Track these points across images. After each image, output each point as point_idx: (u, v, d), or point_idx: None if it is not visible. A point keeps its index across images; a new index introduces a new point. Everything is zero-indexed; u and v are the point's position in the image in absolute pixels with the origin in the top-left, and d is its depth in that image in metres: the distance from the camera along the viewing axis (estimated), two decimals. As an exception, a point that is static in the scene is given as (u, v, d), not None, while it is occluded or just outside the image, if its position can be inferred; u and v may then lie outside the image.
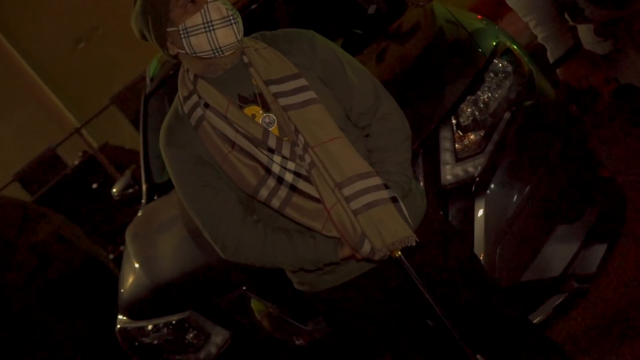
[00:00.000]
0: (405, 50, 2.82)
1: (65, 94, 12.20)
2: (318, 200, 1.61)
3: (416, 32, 2.90)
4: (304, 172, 1.62)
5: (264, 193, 1.61)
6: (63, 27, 11.62)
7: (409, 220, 1.62)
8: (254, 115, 1.63)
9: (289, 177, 1.61)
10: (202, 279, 2.53)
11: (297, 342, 2.38)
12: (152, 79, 3.82)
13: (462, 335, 1.72)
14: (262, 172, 1.60)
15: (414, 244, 1.62)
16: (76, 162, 9.35)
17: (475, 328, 1.86)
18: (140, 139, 3.68)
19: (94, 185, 8.76)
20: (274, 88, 1.62)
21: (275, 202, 1.62)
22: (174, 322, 2.51)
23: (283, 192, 1.61)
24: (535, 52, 2.84)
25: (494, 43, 2.54)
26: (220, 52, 1.58)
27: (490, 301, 1.87)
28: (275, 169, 1.60)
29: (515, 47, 2.58)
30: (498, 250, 2.23)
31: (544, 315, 2.32)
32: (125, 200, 3.74)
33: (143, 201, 3.48)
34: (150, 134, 3.64)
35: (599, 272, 2.50)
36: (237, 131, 1.60)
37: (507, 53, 2.50)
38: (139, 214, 3.42)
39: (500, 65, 2.46)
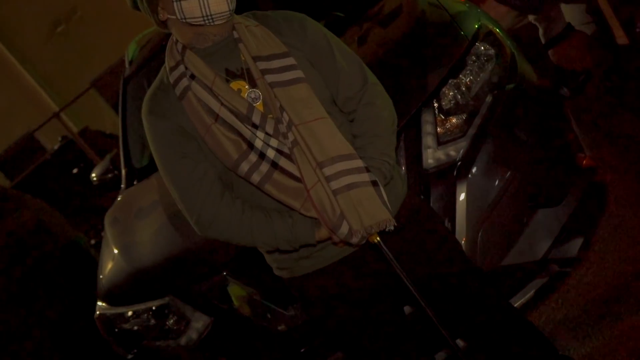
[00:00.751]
0: (387, 33, 2.79)
1: (43, 78, 12.03)
2: (298, 179, 1.60)
3: (398, 15, 2.88)
4: (286, 150, 1.61)
5: (244, 167, 1.60)
6: (41, 10, 11.42)
7: (389, 205, 1.62)
8: (239, 90, 1.63)
9: (271, 153, 1.60)
10: (182, 264, 2.51)
11: (278, 328, 2.37)
12: (130, 62, 3.77)
13: (442, 320, 1.71)
14: (244, 146, 1.59)
15: (392, 228, 1.61)
16: (56, 147, 9.23)
17: (455, 312, 1.85)
18: (119, 122, 3.63)
19: (74, 171, 8.66)
20: (262, 64, 1.61)
21: (256, 177, 1.60)
22: (154, 308, 2.49)
23: (264, 167, 1.60)
24: (518, 36, 2.83)
25: (476, 26, 2.52)
26: (211, 20, 1.56)
27: (471, 286, 1.86)
28: (258, 144, 1.60)
29: (497, 30, 2.56)
30: (480, 235, 2.23)
31: (524, 299, 2.33)
32: (105, 185, 3.70)
33: (122, 186, 3.44)
34: (129, 117, 3.59)
35: (579, 256, 2.51)
36: (222, 104, 1.60)
37: (489, 36, 2.49)
38: (118, 199, 3.38)
39: (482, 48, 2.45)
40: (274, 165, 1.60)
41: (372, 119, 1.71)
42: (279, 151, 1.60)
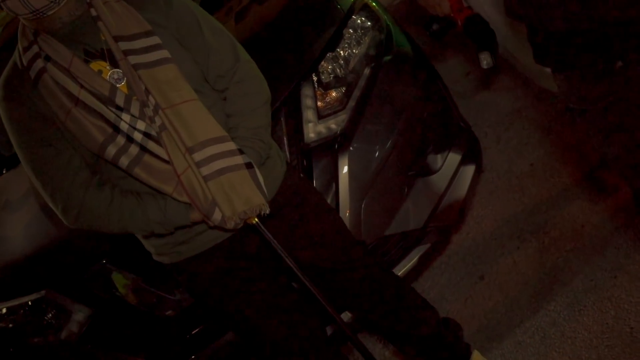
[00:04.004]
0: (265, 8, 2.74)
1: None
2: (169, 163, 1.53)
3: (275, -11, 2.84)
4: (154, 133, 1.53)
5: (111, 150, 1.50)
6: None
7: (264, 187, 1.58)
8: (100, 71, 1.52)
9: (138, 136, 1.52)
10: (58, 255, 2.36)
11: (166, 313, 2.30)
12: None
13: (327, 295, 1.72)
14: (109, 130, 1.50)
15: (267, 212, 1.58)
16: None
17: (340, 286, 1.87)
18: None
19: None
20: (124, 45, 1.51)
21: (124, 160, 1.51)
22: (29, 303, 2.34)
23: (134, 150, 1.51)
24: (395, 17, 2.86)
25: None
26: (41, 13, 1.46)
27: (354, 259, 1.88)
28: (124, 127, 1.51)
29: (373, 3, 2.58)
30: (363, 206, 2.26)
31: (409, 266, 2.39)
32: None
33: (-10, 176, 3.19)
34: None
35: (459, 221, 2.60)
36: (82, 87, 1.49)
37: (365, 9, 2.50)
38: (-14, 190, 3.14)
39: (358, 21, 2.46)
40: (143, 148, 1.52)
41: (244, 97, 1.67)
42: (146, 134, 1.52)
